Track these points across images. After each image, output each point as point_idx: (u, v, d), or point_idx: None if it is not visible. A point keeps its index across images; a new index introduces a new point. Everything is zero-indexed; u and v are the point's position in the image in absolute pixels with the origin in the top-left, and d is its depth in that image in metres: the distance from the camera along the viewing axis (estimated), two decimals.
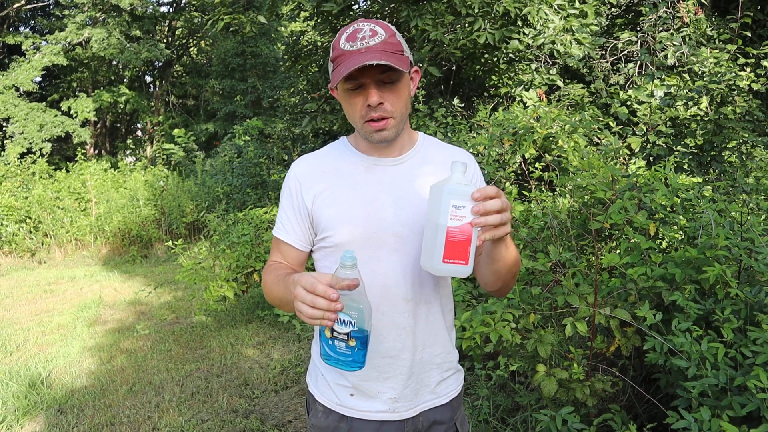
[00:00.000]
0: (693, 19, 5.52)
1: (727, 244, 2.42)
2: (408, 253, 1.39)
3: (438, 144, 1.52)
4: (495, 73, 6.83)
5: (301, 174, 1.45)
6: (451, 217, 1.15)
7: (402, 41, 1.34)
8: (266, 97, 15.84)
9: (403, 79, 1.34)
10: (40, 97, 18.40)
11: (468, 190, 1.15)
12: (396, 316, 1.39)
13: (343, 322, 1.15)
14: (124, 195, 10.38)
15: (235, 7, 7.35)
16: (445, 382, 1.50)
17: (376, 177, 1.42)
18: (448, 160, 1.42)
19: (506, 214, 1.16)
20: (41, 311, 6.32)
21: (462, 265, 1.18)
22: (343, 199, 1.40)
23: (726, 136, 4.14)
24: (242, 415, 3.63)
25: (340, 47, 1.30)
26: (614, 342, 2.61)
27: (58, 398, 3.99)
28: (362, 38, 1.29)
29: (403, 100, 1.35)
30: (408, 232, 1.38)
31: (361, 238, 1.37)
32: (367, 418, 1.43)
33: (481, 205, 1.13)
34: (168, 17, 20.36)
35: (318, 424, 1.48)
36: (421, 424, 1.46)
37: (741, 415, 1.91)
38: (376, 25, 1.31)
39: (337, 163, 1.45)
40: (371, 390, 1.42)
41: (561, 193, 4.22)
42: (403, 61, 1.30)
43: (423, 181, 1.41)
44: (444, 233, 1.16)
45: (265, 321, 5.50)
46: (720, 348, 2.05)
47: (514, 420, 3.05)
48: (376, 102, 1.30)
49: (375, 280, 1.37)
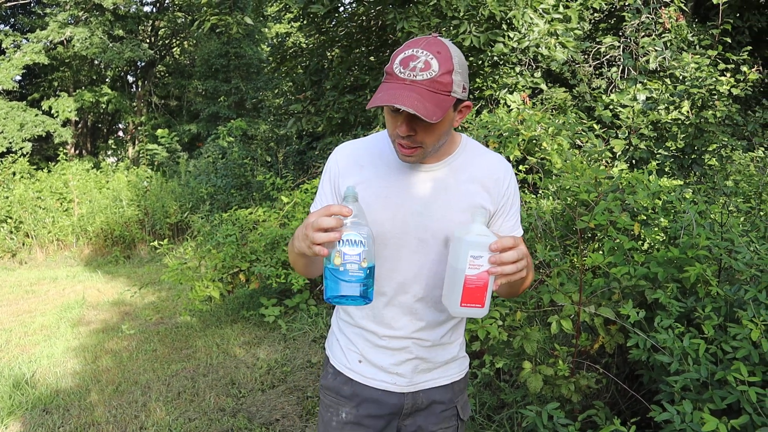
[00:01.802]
0: (674, 25, 5.63)
1: (708, 244, 2.49)
2: (427, 255, 1.45)
3: (478, 150, 1.51)
4: (480, 76, 6.90)
5: (343, 159, 1.50)
6: (470, 266, 1.23)
7: (455, 79, 1.29)
8: (250, 99, 15.79)
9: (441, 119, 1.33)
10: (20, 96, 18.15)
11: (486, 241, 1.22)
12: (406, 310, 1.49)
13: (355, 242, 1.20)
14: (107, 195, 10.29)
15: (221, 9, 7.34)
16: (448, 366, 1.58)
17: (409, 181, 1.44)
18: (484, 169, 1.48)
19: (522, 262, 1.23)
20: (23, 312, 6.25)
21: (479, 308, 1.27)
22: (373, 197, 1.43)
23: (706, 140, 4.24)
24: (229, 414, 3.64)
25: (392, 68, 1.29)
26: (598, 339, 2.67)
27: (43, 398, 3.96)
28: (413, 68, 1.26)
29: (435, 135, 1.34)
30: (430, 238, 1.43)
31: (384, 237, 1.43)
32: (370, 385, 1.53)
33: (497, 256, 1.21)
34: (151, 17, 20.20)
35: (327, 384, 1.60)
36: (421, 400, 1.55)
37: (721, 407, 1.98)
38: (434, 58, 1.27)
39: (377, 159, 1.48)
40: (377, 361, 1.52)
41: (545, 195, 4.28)
42: (441, 107, 1.27)
43: (454, 191, 1.44)
44: (462, 280, 1.24)
45: (250, 321, 5.49)
46: (701, 344, 2.12)
47: (500, 417, 3.10)
48: (405, 133, 1.31)
49: (393, 276, 1.46)
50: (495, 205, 1.47)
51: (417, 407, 1.56)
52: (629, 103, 4.59)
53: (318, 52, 7.83)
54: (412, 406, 1.55)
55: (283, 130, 9.38)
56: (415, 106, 1.22)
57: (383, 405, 1.53)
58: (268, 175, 7.61)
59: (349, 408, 1.55)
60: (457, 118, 1.39)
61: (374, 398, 1.53)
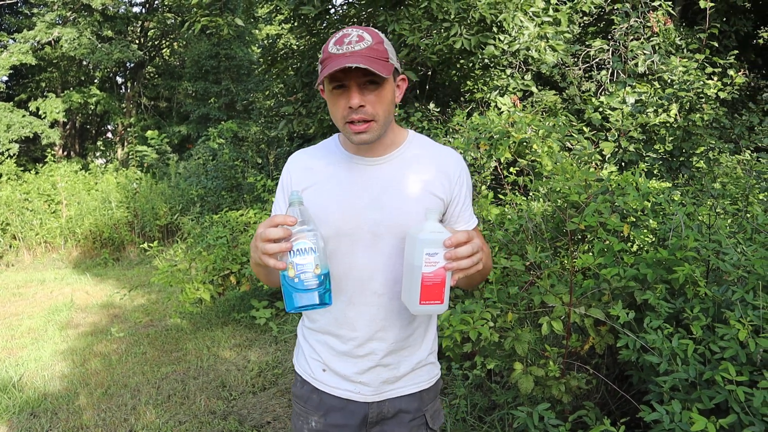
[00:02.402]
0: (662, 28, 5.69)
1: (696, 245, 2.52)
2: (382, 251, 1.45)
3: (425, 144, 1.54)
4: (470, 79, 6.92)
5: (293, 168, 1.53)
6: (425, 263, 1.24)
7: (389, 49, 1.39)
8: (240, 100, 15.76)
9: (387, 85, 1.38)
10: (7, 97, 18.02)
11: (440, 237, 1.23)
12: (367, 307, 1.47)
13: (305, 251, 1.21)
14: (95, 197, 10.22)
15: (212, 10, 7.32)
16: (414, 374, 1.56)
17: (357, 176, 1.47)
18: (435, 161, 1.50)
19: (477, 255, 1.25)
20: (10, 315, 6.20)
21: (438, 304, 1.28)
22: (325, 196, 1.46)
23: (694, 143, 4.28)
24: (220, 417, 3.63)
25: (328, 50, 1.35)
26: (589, 340, 2.69)
27: (31, 402, 3.92)
28: (349, 42, 1.33)
29: (385, 104, 1.39)
30: (384, 231, 1.44)
31: (339, 233, 1.44)
32: (334, 394, 1.54)
33: (452, 252, 1.23)
34: (140, 18, 20.12)
35: (296, 392, 1.62)
36: (387, 409, 1.54)
37: (709, 407, 2.00)
38: (364, 32, 1.36)
39: (324, 160, 1.51)
40: (340, 370, 1.52)
41: (535, 196, 4.31)
42: (386, 67, 1.34)
43: (402, 183, 1.46)
44: (420, 278, 1.25)
45: (241, 323, 5.48)
46: (690, 344, 2.14)
47: (491, 418, 3.11)
48: (356, 104, 1.34)
49: (351, 273, 1.46)
50: (448, 196, 1.49)
51: (383, 416, 1.54)
52: (618, 106, 4.63)
53: (309, 53, 7.82)
54: (377, 415, 1.54)
55: (274, 132, 9.36)
56: (366, 63, 1.29)
57: (349, 414, 1.53)
58: (258, 177, 7.60)
59: (317, 417, 1.56)
60: (397, 93, 1.45)
61: (339, 407, 1.54)
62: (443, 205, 1.49)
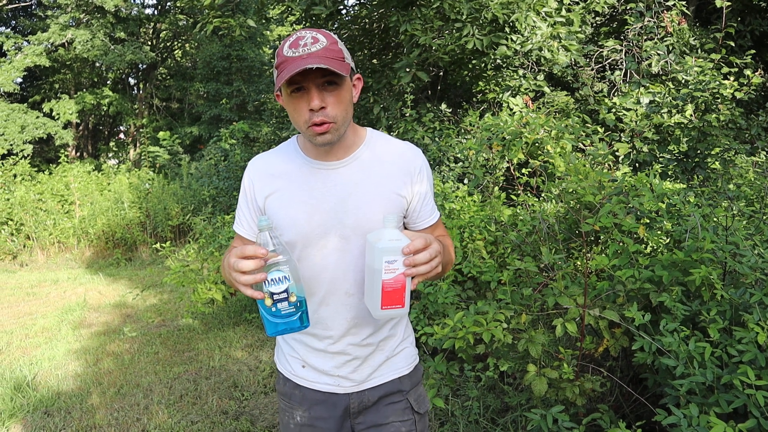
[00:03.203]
0: (677, 28, 5.64)
1: (713, 247, 2.48)
2: (351, 252, 1.47)
3: (385, 141, 1.56)
4: (482, 79, 6.90)
5: (254, 175, 1.55)
6: (386, 270, 1.27)
7: (343, 49, 1.40)
8: (252, 101, 15.80)
9: (345, 84, 1.39)
10: (21, 98, 18.17)
11: (398, 245, 1.26)
12: (340, 306, 1.51)
13: (279, 280, 1.23)
14: (108, 197, 10.29)
15: (224, 11, 7.35)
16: (391, 361, 1.60)
17: (321, 180, 1.48)
18: (395, 157, 1.52)
19: (435, 260, 1.28)
20: (24, 314, 6.25)
21: (399, 308, 1.31)
22: (289, 202, 1.48)
23: (710, 144, 4.23)
24: (232, 417, 3.63)
25: (283, 54, 1.35)
26: (603, 343, 2.66)
27: (45, 401, 3.95)
28: (304, 45, 1.34)
29: (344, 104, 1.39)
30: (350, 233, 1.46)
31: (307, 237, 1.46)
32: (315, 388, 1.58)
33: (410, 259, 1.25)
34: (153, 20, 20.23)
35: (280, 390, 1.66)
36: (368, 398, 1.58)
37: (727, 411, 1.97)
38: (318, 33, 1.36)
39: (286, 166, 1.52)
40: (318, 365, 1.57)
41: (547, 198, 4.28)
42: (343, 66, 1.35)
43: (365, 185, 1.48)
44: (380, 284, 1.27)
45: (253, 324, 5.49)
46: (707, 347, 2.11)
47: (504, 420, 3.09)
48: (318, 105, 1.35)
49: (321, 275, 1.49)
50: (410, 193, 1.51)
51: (364, 405, 1.58)
52: (632, 107, 4.59)
53: None
54: (359, 404, 1.58)
55: (285, 133, 9.37)
56: (324, 63, 1.29)
57: (331, 407, 1.57)
58: None
59: (301, 411, 1.60)
60: (354, 93, 1.45)
61: (321, 400, 1.58)
62: (406, 202, 1.51)
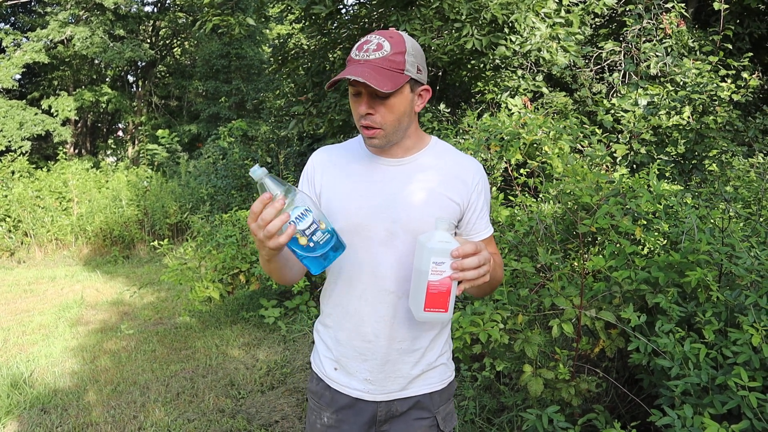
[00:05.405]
0: (675, 30, 5.65)
1: (709, 249, 2.49)
2: (397, 248, 1.47)
3: (447, 150, 1.57)
4: (481, 79, 6.90)
5: (318, 162, 1.57)
6: (432, 271, 1.27)
7: (409, 59, 1.38)
8: (251, 100, 15.80)
9: (399, 95, 1.39)
10: (19, 95, 18.13)
11: (448, 247, 1.26)
12: (378, 305, 1.50)
13: (303, 216, 1.22)
14: (106, 195, 10.28)
15: (223, 9, 7.34)
16: (427, 375, 1.57)
17: (376, 175, 1.50)
18: (454, 167, 1.52)
19: (484, 267, 1.27)
20: (21, 311, 6.24)
21: (442, 312, 1.30)
22: (343, 191, 1.50)
23: (707, 145, 4.25)
24: (229, 415, 3.64)
25: (351, 55, 1.40)
26: (599, 343, 2.67)
27: (41, 398, 3.95)
28: (366, 50, 1.37)
29: (395, 114, 1.40)
30: (398, 229, 1.46)
31: (354, 227, 1.47)
32: (344, 393, 1.57)
33: (459, 262, 1.25)
34: (152, 17, 20.20)
35: (311, 388, 1.67)
36: (396, 409, 1.56)
37: (722, 412, 1.98)
38: (386, 40, 1.37)
39: (348, 157, 1.55)
40: (350, 368, 1.56)
41: (545, 198, 4.28)
42: (393, 79, 1.34)
43: (420, 184, 1.49)
44: (426, 285, 1.27)
45: (250, 322, 5.49)
46: (702, 349, 2.12)
47: (500, 420, 3.10)
48: (364, 112, 1.39)
49: (363, 268, 1.49)
50: (465, 201, 1.51)
51: (392, 414, 1.57)
52: (630, 108, 4.60)
53: (320, 53, 7.82)
54: (386, 414, 1.56)
55: (284, 132, 9.38)
56: (364, 76, 1.30)
57: (358, 412, 1.56)
58: None
59: (329, 413, 1.60)
60: (417, 102, 1.46)
61: (349, 405, 1.57)
62: (459, 211, 1.50)
